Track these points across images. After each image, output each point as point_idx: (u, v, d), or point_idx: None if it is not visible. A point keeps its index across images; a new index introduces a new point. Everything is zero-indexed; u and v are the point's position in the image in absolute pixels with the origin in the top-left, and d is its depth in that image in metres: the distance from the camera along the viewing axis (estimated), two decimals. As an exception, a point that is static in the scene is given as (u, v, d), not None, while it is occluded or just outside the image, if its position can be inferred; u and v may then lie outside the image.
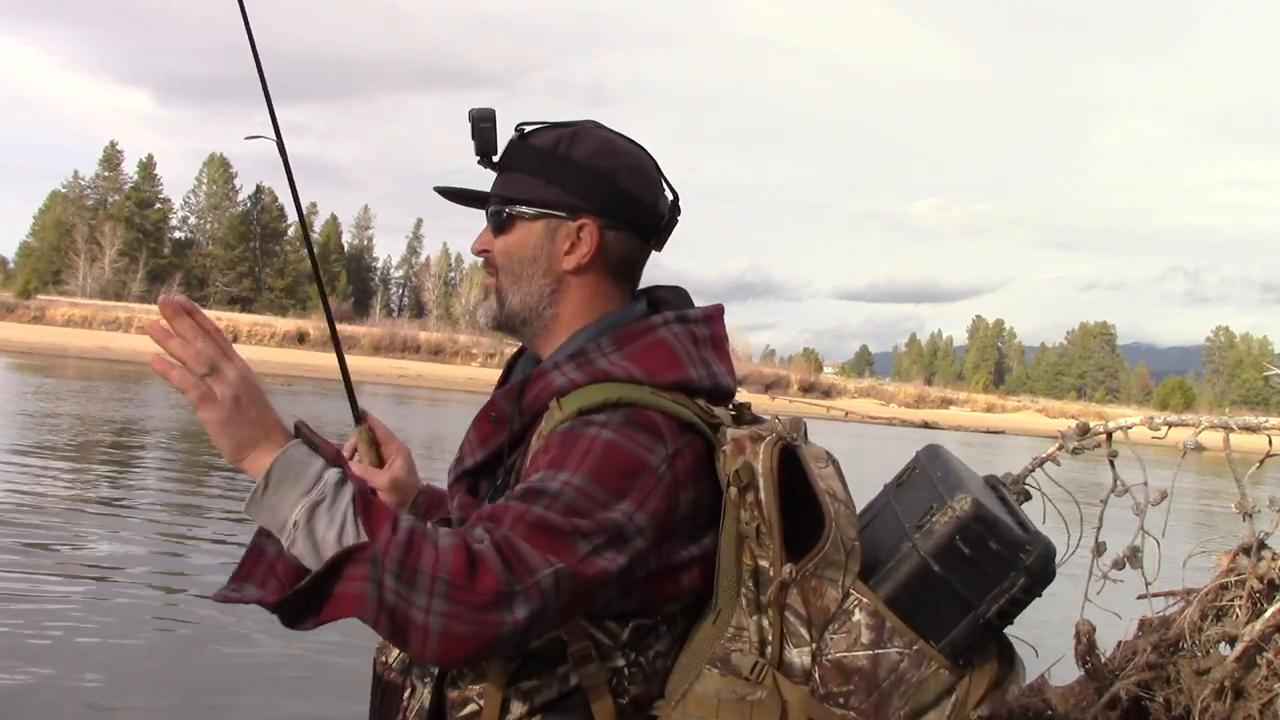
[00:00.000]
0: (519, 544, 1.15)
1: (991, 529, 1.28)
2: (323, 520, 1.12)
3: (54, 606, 6.04)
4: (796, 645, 1.28)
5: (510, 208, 1.39)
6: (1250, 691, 2.72)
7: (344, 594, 1.11)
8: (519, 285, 1.40)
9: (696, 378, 1.35)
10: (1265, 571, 2.85)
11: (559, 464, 1.23)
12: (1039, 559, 1.28)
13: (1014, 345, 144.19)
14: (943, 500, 1.31)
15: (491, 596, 1.11)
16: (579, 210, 1.37)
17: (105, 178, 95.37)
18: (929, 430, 40.09)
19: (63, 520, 8.45)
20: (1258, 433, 3.07)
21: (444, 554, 1.11)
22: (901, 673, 1.27)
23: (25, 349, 36.29)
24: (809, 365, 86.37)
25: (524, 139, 1.40)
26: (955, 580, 1.28)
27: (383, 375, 42.90)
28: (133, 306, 63.86)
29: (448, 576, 1.10)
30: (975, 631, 1.29)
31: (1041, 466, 2.96)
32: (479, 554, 1.12)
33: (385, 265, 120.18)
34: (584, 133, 1.39)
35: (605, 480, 1.22)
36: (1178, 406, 79.32)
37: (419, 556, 1.11)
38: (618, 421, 1.26)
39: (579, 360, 1.33)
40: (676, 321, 1.38)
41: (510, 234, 1.40)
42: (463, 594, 1.10)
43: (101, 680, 5.00)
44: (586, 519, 1.19)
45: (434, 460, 15.64)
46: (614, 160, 1.39)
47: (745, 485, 1.28)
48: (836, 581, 1.28)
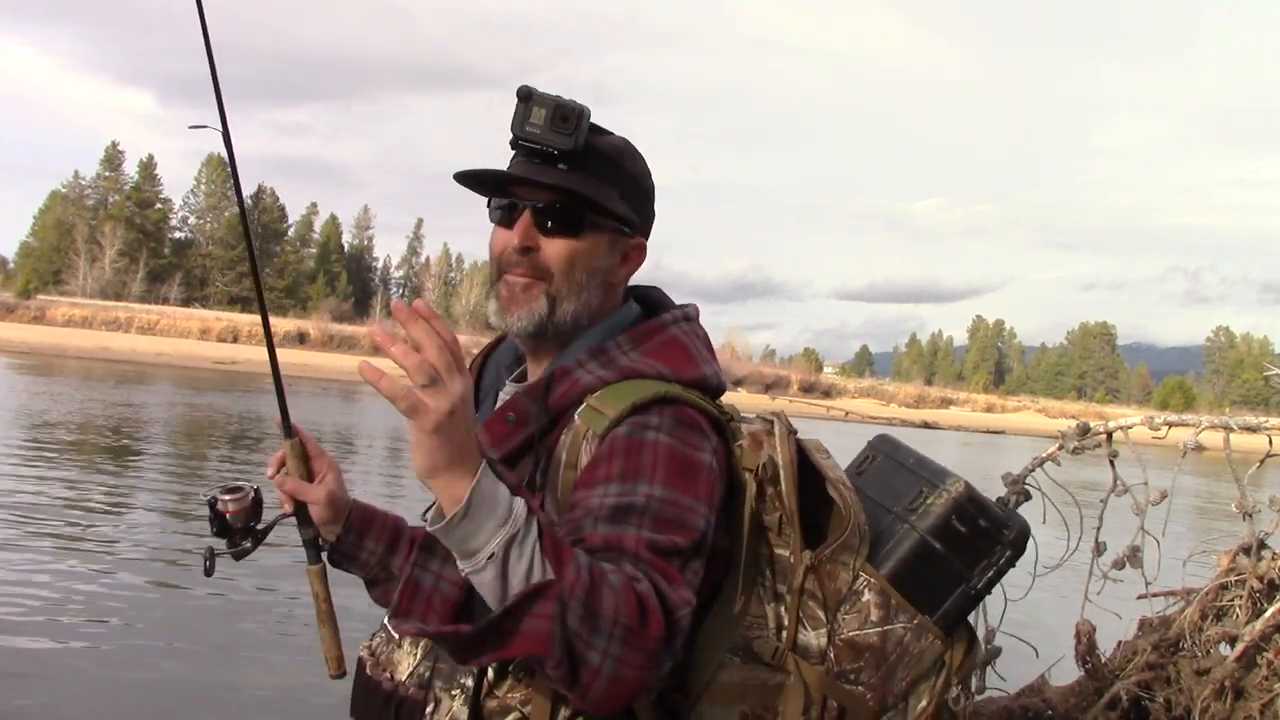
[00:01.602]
0: (662, 585, 1.16)
1: (981, 508, 1.43)
2: (515, 553, 1.11)
3: (55, 607, 6.04)
4: (814, 628, 1.34)
5: (591, 214, 1.34)
6: (1250, 691, 2.72)
7: (530, 630, 1.08)
8: (579, 295, 1.36)
9: (709, 375, 1.38)
10: (1265, 571, 2.85)
11: (632, 476, 1.23)
12: (1019, 534, 1.44)
13: (1014, 345, 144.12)
14: (932, 484, 1.44)
15: (660, 643, 1.13)
16: (637, 229, 1.41)
17: (106, 178, 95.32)
18: (929, 430, 40.06)
19: (63, 519, 8.45)
20: (1258, 433, 3.07)
21: (620, 597, 1.11)
22: (905, 646, 1.35)
23: (25, 349, 36.28)
24: (809, 365, 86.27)
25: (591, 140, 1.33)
26: (953, 556, 1.40)
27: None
28: (133, 306, 63.89)
29: (626, 622, 1.10)
30: (965, 603, 1.41)
31: (1041, 466, 2.95)
32: (645, 597, 1.13)
33: (385, 265, 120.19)
34: (631, 148, 1.41)
35: (682, 487, 1.24)
36: (1178, 406, 79.27)
37: (600, 600, 1.10)
38: (669, 425, 1.28)
39: (601, 358, 1.34)
40: (684, 320, 1.42)
41: (580, 240, 1.34)
42: (638, 639, 1.11)
43: (103, 682, 5.00)
44: (681, 534, 1.21)
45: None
46: (651, 180, 1.44)
47: (769, 479, 1.33)
48: (849, 565, 1.35)
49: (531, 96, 1.29)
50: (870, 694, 1.34)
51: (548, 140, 1.30)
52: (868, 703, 1.34)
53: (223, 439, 15.93)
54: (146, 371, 31.94)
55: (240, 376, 34.04)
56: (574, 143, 1.30)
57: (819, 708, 1.32)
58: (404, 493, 11.90)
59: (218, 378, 32.58)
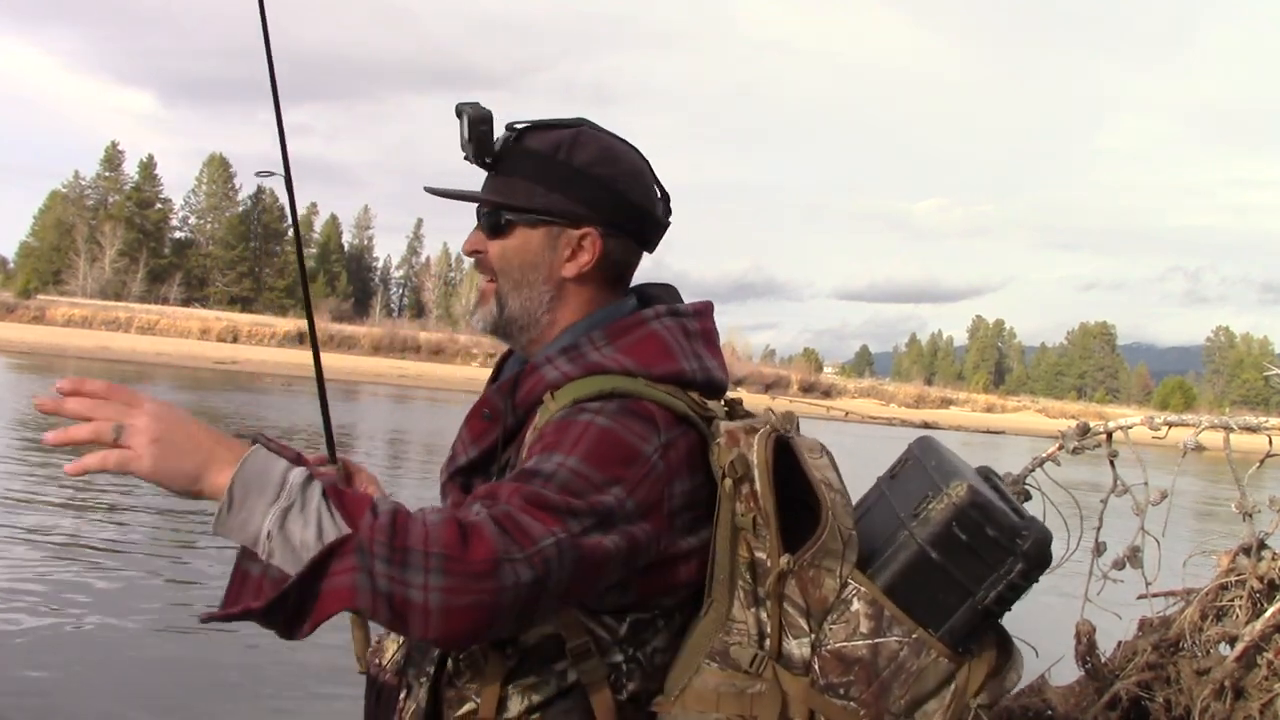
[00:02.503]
0: (518, 515, 1.12)
1: (988, 515, 1.29)
2: (296, 523, 1.06)
3: (54, 606, 6.05)
4: (796, 636, 1.28)
5: (509, 213, 1.38)
6: (1250, 691, 2.72)
7: (333, 589, 1.05)
8: (519, 291, 1.39)
9: (689, 370, 1.35)
10: (1265, 571, 2.85)
11: (552, 448, 1.22)
12: (1035, 544, 1.29)
13: (1014, 345, 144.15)
14: (938, 488, 1.32)
15: (489, 563, 1.07)
16: (581, 219, 1.37)
17: (106, 178, 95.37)
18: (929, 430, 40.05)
19: (62, 519, 8.45)
20: (1258, 433, 3.07)
21: (434, 529, 1.07)
22: (901, 661, 1.27)
23: (25, 349, 36.30)
24: (809, 365, 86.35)
25: (519, 140, 1.37)
26: (953, 567, 1.28)
27: (383, 375, 42.91)
28: (133, 306, 63.92)
29: (441, 550, 1.06)
30: (974, 618, 1.29)
31: (1041, 466, 2.96)
32: (473, 525, 1.09)
33: (385, 265, 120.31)
34: (584, 137, 1.38)
35: (599, 464, 1.21)
36: (1178, 406, 79.25)
37: (407, 535, 1.06)
38: (612, 410, 1.26)
39: (571, 354, 1.34)
40: (668, 315, 1.38)
41: (509, 239, 1.39)
42: (458, 565, 1.06)
43: (102, 684, 5.00)
44: (580, 499, 1.16)
45: (434, 459, 15.66)
46: (615, 167, 1.38)
47: (740, 477, 1.28)
48: (834, 571, 1.28)
49: (459, 114, 1.36)
50: (864, 710, 1.27)
51: (468, 152, 1.37)
52: (860, 719, 1.27)
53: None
54: (146, 371, 31.94)
55: (240, 376, 34.06)
56: (477, 150, 1.36)
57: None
58: (404, 492, 11.90)
59: (218, 378, 32.59)
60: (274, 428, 17.71)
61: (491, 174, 1.40)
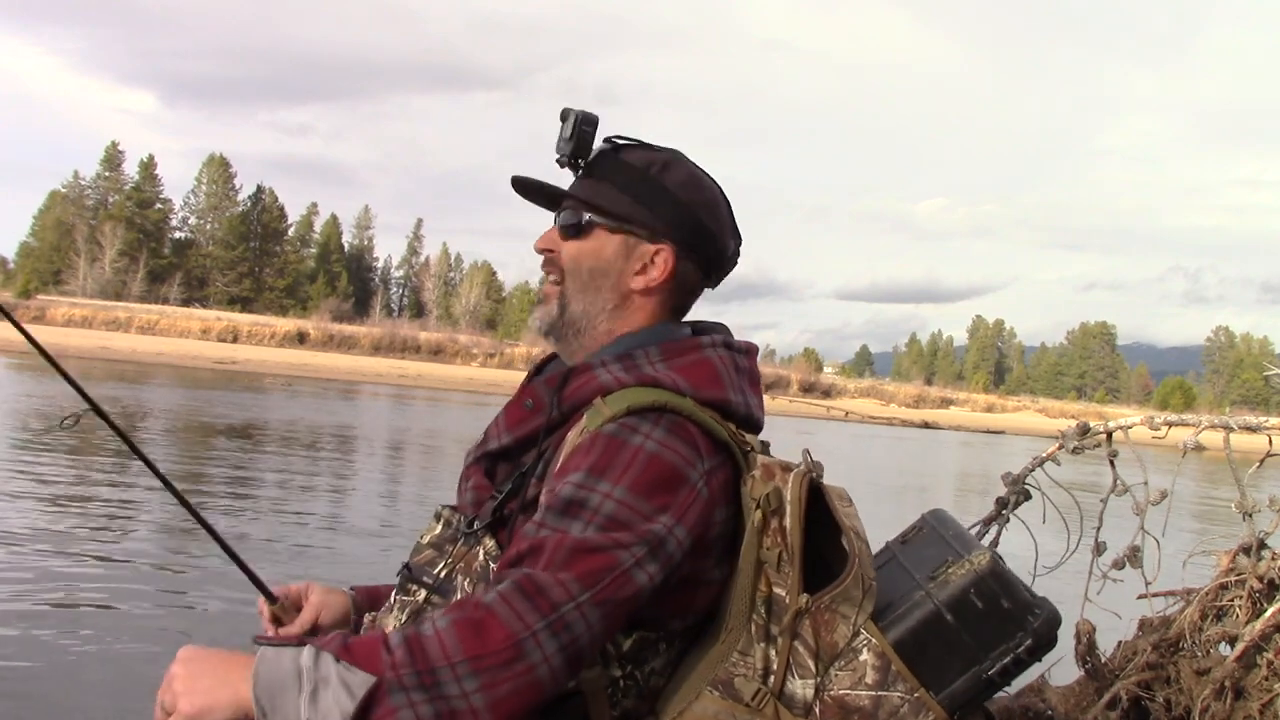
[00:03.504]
0: (541, 578, 1.15)
1: (1006, 586, 1.32)
2: (328, 698, 1.10)
3: (53, 606, 6.04)
4: (801, 677, 1.27)
5: (591, 214, 1.39)
6: (1250, 691, 2.72)
7: None
8: (584, 294, 1.41)
9: (735, 401, 1.37)
10: (1265, 571, 2.85)
11: (601, 471, 1.23)
12: (1046, 623, 1.32)
13: (1014, 345, 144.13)
14: (958, 554, 1.36)
15: (510, 647, 1.11)
16: (660, 235, 1.39)
17: (106, 178, 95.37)
18: (929, 430, 40.05)
19: (63, 516, 8.45)
20: (1258, 433, 3.07)
21: (447, 637, 1.11)
22: (901, 718, 1.27)
23: (25, 349, 36.16)
24: (809, 365, 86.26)
25: (616, 152, 1.41)
26: (965, 632, 1.30)
27: (383, 375, 42.88)
28: (133, 306, 63.90)
29: (461, 656, 1.10)
30: (976, 686, 1.30)
31: (1041, 466, 2.96)
32: (480, 618, 1.13)
33: (385, 265, 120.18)
34: (676, 162, 1.42)
35: (646, 492, 1.23)
36: (1178, 406, 79.32)
37: (427, 656, 1.10)
38: (660, 433, 1.27)
39: (625, 363, 1.35)
40: (723, 346, 1.41)
41: (586, 240, 1.40)
42: (483, 661, 1.10)
43: (103, 686, 5.00)
44: (628, 531, 1.19)
45: (434, 460, 15.66)
46: (700, 195, 1.42)
47: (772, 511, 1.29)
48: (849, 618, 1.28)
49: (565, 116, 1.40)
50: None
51: (565, 151, 1.40)
52: None
53: (225, 436, 15.94)
54: (146, 371, 31.95)
55: (240, 376, 34.06)
56: (576, 149, 1.39)
57: None
58: (403, 491, 11.96)
59: (217, 377, 32.58)
60: (275, 427, 17.71)
61: (581, 177, 1.42)
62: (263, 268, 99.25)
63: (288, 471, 12.16)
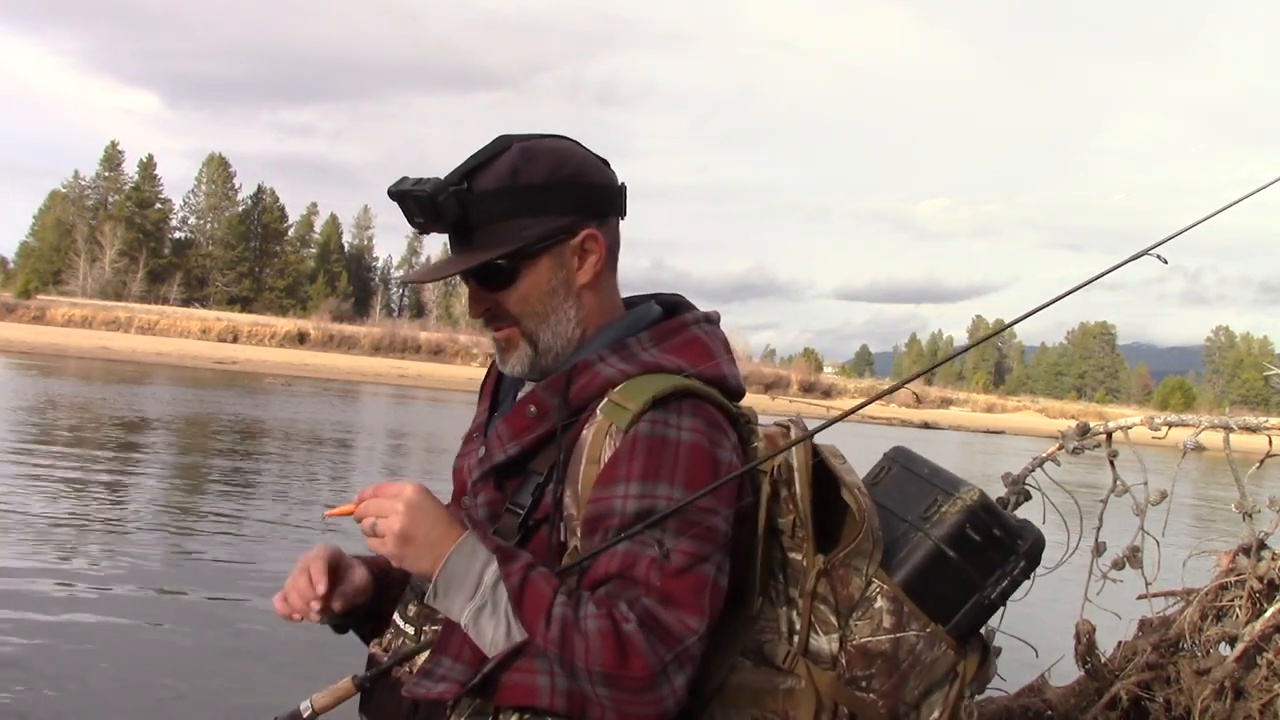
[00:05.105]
0: (661, 614, 1.20)
1: (996, 517, 1.42)
2: (488, 624, 1.23)
3: (54, 605, 6.04)
4: (825, 632, 1.34)
5: (506, 260, 1.33)
6: (1250, 691, 2.72)
7: (514, 684, 1.22)
8: (546, 321, 1.37)
9: (729, 375, 1.39)
10: (1265, 571, 2.85)
11: (654, 476, 1.25)
12: (1034, 544, 1.43)
13: (1014, 345, 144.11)
14: (946, 493, 1.43)
15: (647, 679, 1.18)
16: (575, 224, 1.35)
17: (105, 178, 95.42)
18: (929, 430, 40.04)
19: (61, 517, 8.45)
20: (1258, 433, 3.07)
21: (593, 644, 1.18)
22: (918, 654, 1.35)
23: (25, 349, 36.27)
24: (809, 365, 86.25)
25: (470, 190, 1.31)
26: (966, 564, 1.39)
27: (383, 375, 42.89)
28: (133, 306, 63.91)
29: (600, 669, 1.18)
30: (979, 612, 1.40)
31: (1041, 466, 2.95)
32: (627, 638, 1.19)
33: (385, 265, 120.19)
34: (525, 152, 1.33)
35: (700, 486, 1.25)
36: (1178, 406, 79.33)
37: (572, 650, 1.19)
38: (689, 420, 1.28)
39: (622, 353, 1.35)
40: (705, 322, 1.43)
41: (521, 280, 1.35)
42: (620, 682, 1.18)
43: (103, 686, 5.00)
44: (701, 542, 1.23)
45: (435, 458, 15.65)
46: (569, 163, 1.36)
47: (784, 480, 1.33)
48: (861, 570, 1.35)
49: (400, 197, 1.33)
50: (881, 701, 1.34)
51: (434, 230, 1.34)
52: (879, 710, 1.34)
53: (224, 437, 15.94)
54: (146, 371, 31.95)
55: (240, 376, 34.05)
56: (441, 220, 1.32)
57: (830, 714, 1.33)
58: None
59: (217, 377, 32.58)
60: (274, 428, 17.71)
61: (460, 234, 1.35)
62: (263, 268, 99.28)
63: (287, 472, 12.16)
